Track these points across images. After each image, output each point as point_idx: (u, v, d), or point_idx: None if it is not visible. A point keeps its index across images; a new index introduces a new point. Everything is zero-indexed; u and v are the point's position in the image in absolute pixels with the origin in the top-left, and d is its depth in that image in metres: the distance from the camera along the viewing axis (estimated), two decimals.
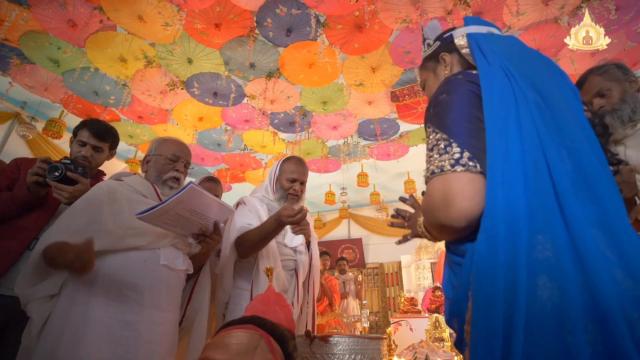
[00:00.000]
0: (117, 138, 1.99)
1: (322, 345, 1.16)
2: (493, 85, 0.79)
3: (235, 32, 3.74)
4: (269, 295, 1.18)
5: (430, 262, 7.00)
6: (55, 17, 3.49)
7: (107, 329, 1.31)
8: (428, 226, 0.85)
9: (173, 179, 1.67)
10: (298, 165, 2.11)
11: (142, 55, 4.06)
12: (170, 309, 1.53)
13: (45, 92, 4.67)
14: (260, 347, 0.90)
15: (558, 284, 0.59)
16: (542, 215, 0.65)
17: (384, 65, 4.16)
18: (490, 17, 3.50)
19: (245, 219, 1.90)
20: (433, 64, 1.08)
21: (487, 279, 0.65)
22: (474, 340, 0.66)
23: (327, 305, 5.21)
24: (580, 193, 0.67)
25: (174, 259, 1.56)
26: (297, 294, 1.93)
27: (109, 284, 1.37)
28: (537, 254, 0.62)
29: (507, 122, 0.73)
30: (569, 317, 0.57)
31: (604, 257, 0.61)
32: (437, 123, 0.81)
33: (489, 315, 0.63)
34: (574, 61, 4.06)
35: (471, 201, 0.71)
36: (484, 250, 0.67)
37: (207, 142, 5.81)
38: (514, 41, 0.95)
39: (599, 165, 0.72)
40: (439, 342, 2.64)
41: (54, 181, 1.57)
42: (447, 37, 1.04)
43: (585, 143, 0.74)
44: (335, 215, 8.85)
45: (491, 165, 0.71)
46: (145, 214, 1.34)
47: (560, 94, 0.82)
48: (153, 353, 1.40)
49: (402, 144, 5.84)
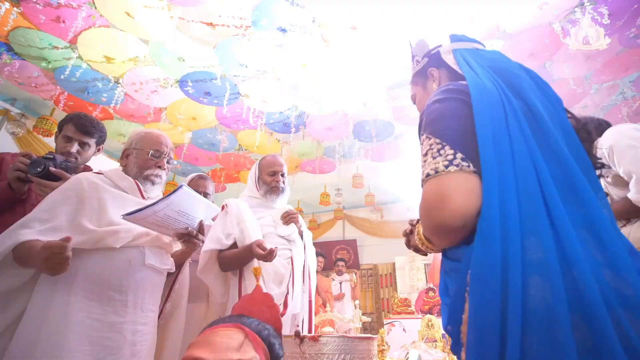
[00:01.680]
0: (105, 132, 1.93)
1: (312, 345, 1.14)
2: (482, 93, 0.83)
3: (230, 31, 3.72)
4: (255, 296, 1.16)
5: (424, 264, 7.02)
6: (46, 13, 3.44)
7: (90, 330, 1.26)
8: (425, 230, 0.86)
9: (155, 175, 1.60)
10: (274, 159, 2.26)
11: (134, 53, 4.01)
12: (154, 308, 1.51)
13: (36, 89, 4.61)
14: (244, 345, 0.89)
15: (550, 284, 0.62)
16: (532, 218, 0.68)
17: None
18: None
19: (225, 229, 1.98)
20: (422, 79, 1.15)
21: (484, 280, 0.66)
22: (470, 340, 0.67)
23: (320, 306, 5.20)
24: (565, 196, 0.70)
25: (159, 258, 1.53)
26: (293, 282, 1.98)
27: (91, 283, 1.31)
28: (530, 255, 0.65)
29: (498, 129, 0.77)
30: (559, 316, 0.59)
31: (590, 256, 0.64)
32: (430, 129, 0.85)
33: (486, 315, 0.65)
34: (568, 65, 4.08)
35: (466, 199, 0.72)
36: (480, 251, 0.68)
37: (201, 141, 5.77)
38: (498, 54, 1.02)
39: (582, 170, 0.74)
40: (432, 342, 2.63)
41: (36, 177, 1.52)
42: (434, 53, 1.12)
43: (569, 149, 0.77)
44: (330, 216, 8.85)
45: (486, 169, 0.73)
46: (132, 215, 1.31)
47: (543, 103, 0.85)
48: (136, 354, 1.36)
49: (397, 145, 5.84)
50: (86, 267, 1.32)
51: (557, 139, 0.77)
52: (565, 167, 0.73)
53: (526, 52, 3.83)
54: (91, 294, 1.30)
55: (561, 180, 0.72)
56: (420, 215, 0.83)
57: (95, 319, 1.29)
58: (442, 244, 0.85)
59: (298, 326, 2.05)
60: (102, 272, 1.34)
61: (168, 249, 1.62)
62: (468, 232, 0.74)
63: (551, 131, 0.78)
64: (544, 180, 0.71)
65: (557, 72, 4.21)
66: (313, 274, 2.21)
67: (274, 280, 1.94)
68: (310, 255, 2.18)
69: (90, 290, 1.30)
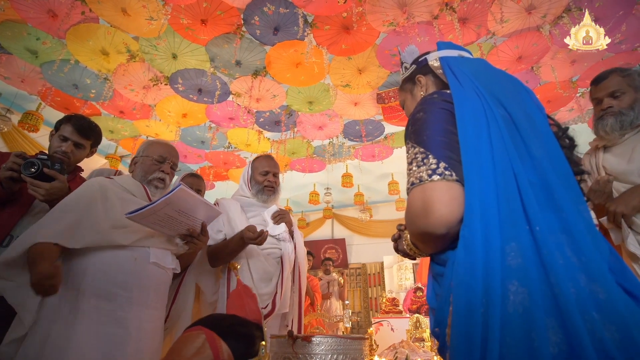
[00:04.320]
0: (100, 137, 1.96)
1: (304, 345, 1.15)
2: (465, 104, 0.86)
3: (222, 29, 3.70)
4: (239, 290, 1.20)
5: (412, 263, 7.10)
6: (34, 7, 3.38)
7: (96, 325, 1.34)
8: (411, 237, 0.91)
9: (158, 179, 1.71)
10: (268, 160, 2.26)
11: (125, 49, 3.97)
12: (158, 306, 1.56)
13: (22, 84, 4.53)
14: (201, 347, 0.93)
15: (528, 288, 0.64)
16: (512, 224, 0.71)
17: (371, 67, 4.18)
18: (475, 23, 3.55)
19: (216, 225, 2.00)
20: (410, 86, 1.17)
21: (466, 284, 0.69)
22: (453, 343, 0.69)
23: (309, 305, 5.21)
24: (543, 202, 0.72)
25: (163, 257, 1.58)
26: (282, 281, 1.99)
27: (99, 281, 1.40)
28: (510, 260, 0.67)
29: (480, 138, 0.80)
30: (536, 319, 0.62)
31: (566, 261, 0.65)
32: (415, 139, 0.87)
33: (467, 318, 0.67)
34: (555, 69, 4.16)
35: (449, 207, 0.75)
36: (463, 257, 0.71)
37: (190, 139, 5.73)
38: (483, 63, 1.04)
39: (560, 176, 0.77)
40: (420, 342, 2.67)
41: (29, 177, 1.51)
42: (421, 60, 1.14)
43: (548, 156, 0.80)
44: (319, 215, 8.86)
45: (468, 177, 0.76)
46: (134, 214, 1.37)
47: (525, 110, 0.88)
48: (141, 350, 1.42)
49: (387, 145, 5.89)
50: (95, 265, 1.42)
51: (537, 147, 0.80)
52: (544, 174, 0.76)
53: (514, 56, 3.90)
54: (99, 291, 1.39)
55: (540, 187, 0.74)
56: (406, 222, 0.87)
57: (102, 314, 1.37)
58: (427, 250, 0.88)
59: (288, 326, 2.06)
60: (109, 269, 1.43)
61: (174, 250, 1.67)
62: (452, 239, 0.77)
63: (531, 139, 0.81)
64: (523, 188, 0.73)
65: (544, 75, 4.28)
66: (303, 274, 2.22)
67: (262, 279, 1.95)
68: (301, 255, 2.20)
69: (98, 287, 1.39)
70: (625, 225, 1.59)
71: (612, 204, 1.63)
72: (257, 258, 1.98)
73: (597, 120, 1.79)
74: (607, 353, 0.57)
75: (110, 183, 1.60)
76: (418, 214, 0.78)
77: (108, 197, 1.53)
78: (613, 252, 0.72)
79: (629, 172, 1.66)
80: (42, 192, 1.51)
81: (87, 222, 1.43)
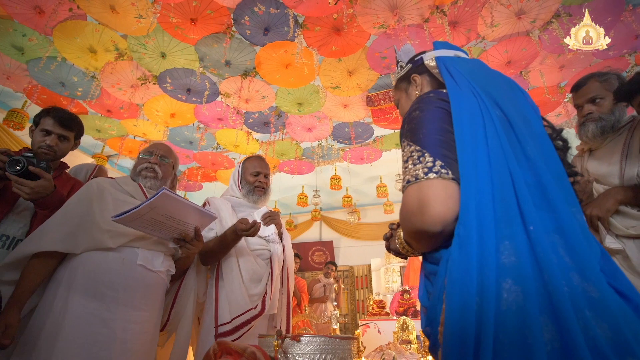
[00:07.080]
0: (82, 127, 1.94)
1: (293, 344, 1.15)
2: (462, 103, 0.86)
3: (212, 28, 3.67)
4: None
5: (399, 266, 7.11)
6: (21, 2, 3.31)
7: (84, 325, 1.36)
8: (406, 235, 0.90)
9: (146, 168, 1.76)
10: (259, 160, 2.27)
11: (113, 47, 3.91)
12: (148, 308, 1.55)
13: (7, 81, 4.43)
14: None
15: (522, 287, 0.64)
16: (507, 223, 0.71)
17: (361, 69, 4.19)
18: (465, 27, 3.59)
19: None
20: (405, 85, 1.16)
21: (460, 282, 0.69)
22: (446, 340, 0.69)
23: (295, 306, 5.19)
24: (538, 202, 0.73)
25: (151, 259, 1.58)
26: (272, 282, 1.99)
27: (88, 280, 1.42)
28: (504, 258, 0.68)
29: (476, 137, 0.80)
30: (530, 317, 0.62)
31: (560, 260, 0.66)
32: (410, 137, 0.87)
33: (461, 316, 0.67)
34: (543, 74, 4.22)
35: (445, 205, 0.75)
36: (457, 255, 0.71)
37: (178, 139, 5.67)
38: (479, 63, 1.05)
39: (554, 177, 0.77)
40: (406, 344, 2.67)
41: (14, 175, 1.48)
42: (417, 59, 1.14)
43: (543, 156, 0.80)
44: (307, 217, 8.83)
45: (464, 176, 0.76)
46: (120, 217, 1.38)
47: (520, 111, 0.88)
48: (127, 352, 1.42)
49: (376, 148, 5.90)
50: (85, 265, 1.45)
51: (532, 147, 0.80)
52: (539, 174, 0.76)
53: (504, 60, 3.95)
54: (87, 290, 1.42)
55: (535, 186, 0.75)
56: (400, 220, 0.86)
57: (90, 313, 1.39)
58: (421, 248, 0.87)
59: (276, 327, 2.06)
60: (97, 269, 1.45)
61: (168, 253, 1.68)
62: (447, 237, 0.77)
63: (526, 139, 0.81)
64: (518, 187, 0.74)
65: (532, 80, 4.35)
66: (291, 275, 2.22)
67: (252, 280, 1.94)
68: (289, 257, 2.19)
69: (87, 287, 1.42)
70: (602, 227, 1.62)
71: (587, 207, 1.66)
72: (247, 258, 1.97)
73: (579, 126, 1.82)
74: (599, 350, 0.58)
75: (109, 184, 1.65)
76: (414, 211, 0.78)
77: (104, 198, 1.56)
78: (605, 253, 0.73)
79: (609, 174, 1.68)
80: (27, 190, 1.48)
81: (85, 226, 1.47)
